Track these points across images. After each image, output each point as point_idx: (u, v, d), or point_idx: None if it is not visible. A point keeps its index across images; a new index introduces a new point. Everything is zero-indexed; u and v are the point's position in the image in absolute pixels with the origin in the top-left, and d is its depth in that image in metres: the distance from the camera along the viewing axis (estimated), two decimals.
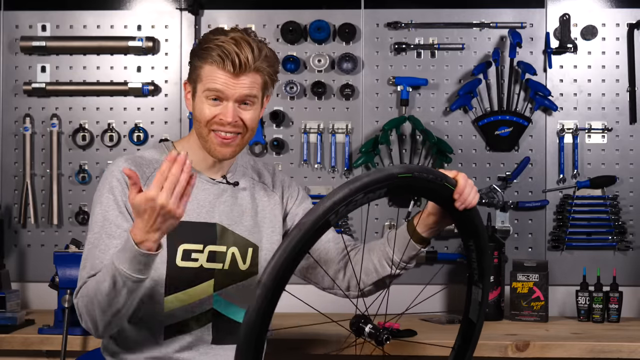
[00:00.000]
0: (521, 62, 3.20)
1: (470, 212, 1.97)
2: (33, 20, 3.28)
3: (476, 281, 2.07)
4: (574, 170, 3.22)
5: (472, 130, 3.25)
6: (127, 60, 3.28)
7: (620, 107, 3.24)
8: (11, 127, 3.28)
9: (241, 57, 2.00)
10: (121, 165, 2.07)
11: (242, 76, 2.02)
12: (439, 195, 1.92)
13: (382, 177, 1.76)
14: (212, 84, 2.02)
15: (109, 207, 2.03)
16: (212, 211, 2.11)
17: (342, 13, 3.25)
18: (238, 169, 2.20)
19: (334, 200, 1.68)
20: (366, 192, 1.73)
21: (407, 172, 1.81)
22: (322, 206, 1.68)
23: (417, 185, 1.85)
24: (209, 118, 2.04)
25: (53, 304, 2.73)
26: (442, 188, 1.90)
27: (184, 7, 3.26)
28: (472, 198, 1.94)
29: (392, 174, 1.78)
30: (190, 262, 2.07)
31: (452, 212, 1.97)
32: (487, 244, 2.05)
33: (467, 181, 1.93)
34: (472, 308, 2.09)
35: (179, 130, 3.26)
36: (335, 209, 1.68)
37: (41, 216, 3.26)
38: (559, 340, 2.62)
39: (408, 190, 1.88)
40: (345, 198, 1.69)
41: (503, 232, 3.20)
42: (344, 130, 3.24)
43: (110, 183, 2.05)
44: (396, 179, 1.78)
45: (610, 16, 3.24)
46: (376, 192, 1.76)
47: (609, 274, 3.01)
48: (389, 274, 2.12)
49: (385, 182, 1.76)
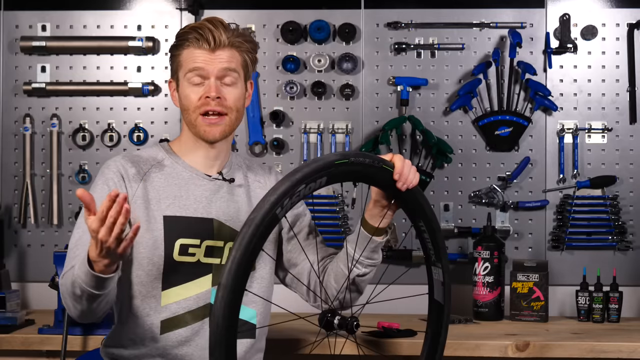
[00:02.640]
0: (521, 62, 3.20)
1: (413, 193, 2.03)
2: (33, 20, 3.28)
3: (434, 261, 2.11)
4: (574, 170, 3.22)
5: (472, 130, 3.25)
6: (127, 60, 3.28)
7: (620, 107, 3.24)
8: (11, 127, 3.28)
9: (215, 33, 2.08)
10: (118, 161, 2.12)
11: (218, 51, 2.09)
12: (379, 179, 1.98)
13: (320, 166, 1.82)
14: (191, 64, 2.09)
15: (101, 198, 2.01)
16: (209, 207, 2.13)
17: (342, 13, 3.25)
18: (233, 166, 2.22)
19: (277, 194, 1.74)
20: (307, 183, 1.79)
21: (343, 158, 1.86)
22: (267, 201, 1.73)
23: (356, 171, 1.91)
24: (195, 101, 2.09)
25: (53, 304, 2.73)
26: (380, 171, 1.96)
27: (184, 7, 3.27)
28: (413, 177, 2.00)
29: (329, 162, 1.84)
30: (188, 256, 2.08)
31: (397, 195, 2.02)
32: (437, 223, 2.10)
33: (405, 161, 1.99)
34: (437, 289, 2.12)
35: (178, 130, 3.26)
36: (279, 203, 1.74)
37: (41, 216, 3.26)
38: (559, 340, 2.62)
39: (348, 176, 1.93)
40: (288, 191, 1.75)
41: (503, 232, 3.20)
42: (344, 130, 3.24)
43: (105, 175, 2.10)
44: (333, 166, 1.84)
45: (610, 16, 3.24)
46: (317, 182, 1.81)
47: (609, 274, 3.01)
48: (358, 274, 2.15)
49: (324, 171, 1.82)
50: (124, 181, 2.09)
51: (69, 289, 1.94)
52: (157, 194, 2.10)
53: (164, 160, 2.16)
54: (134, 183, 2.10)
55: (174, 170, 2.15)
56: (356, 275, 2.15)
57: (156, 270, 2.07)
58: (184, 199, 2.11)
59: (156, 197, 2.10)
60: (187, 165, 2.16)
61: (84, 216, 1.81)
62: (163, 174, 2.13)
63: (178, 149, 2.18)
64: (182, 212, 2.10)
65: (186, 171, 2.15)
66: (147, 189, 2.10)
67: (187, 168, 2.15)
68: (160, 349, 2.08)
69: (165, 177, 2.13)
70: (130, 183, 2.09)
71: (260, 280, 2.17)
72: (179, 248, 2.08)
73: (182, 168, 2.15)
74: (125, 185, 2.08)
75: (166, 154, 2.17)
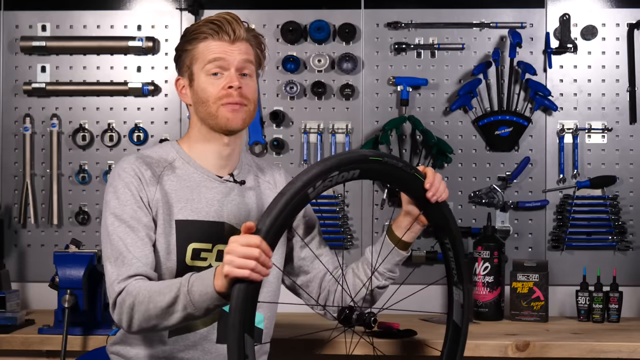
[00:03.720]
0: (521, 62, 3.20)
1: (442, 208, 2.05)
2: (33, 20, 3.28)
3: (456, 282, 2.11)
4: (574, 170, 3.22)
5: (472, 130, 3.25)
6: (127, 60, 3.28)
7: (620, 107, 3.24)
8: (11, 127, 3.28)
9: (234, 26, 2.08)
10: (133, 163, 2.08)
11: (237, 43, 2.09)
12: (409, 185, 2.01)
13: (354, 158, 1.86)
14: (211, 55, 2.07)
15: (127, 202, 2.03)
16: (220, 210, 2.11)
17: (342, 13, 3.25)
18: (244, 167, 2.20)
19: (311, 175, 1.77)
20: (341, 171, 1.82)
21: (377, 156, 1.91)
22: (301, 179, 1.76)
23: (388, 172, 1.94)
24: (215, 92, 2.06)
25: (53, 304, 2.73)
26: (412, 178, 1.99)
27: (184, 7, 3.27)
28: (443, 190, 2.03)
29: (364, 155, 1.89)
30: (200, 261, 2.07)
31: (426, 208, 2.04)
32: (462, 242, 2.12)
33: (436, 174, 2.03)
34: (456, 310, 2.12)
35: (179, 130, 3.26)
36: (312, 184, 1.77)
37: (41, 216, 3.26)
38: (559, 340, 2.62)
39: (380, 176, 1.98)
40: (323, 173, 1.78)
41: (503, 232, 3.20)
42: (344, 130, 3.24)
43: (124, 179, 2.05)
44: (367, 162, 1.88)
45: (610, 16, 3.24)
46: (350, 172, 1.85)
47: (609, 274, 3.01)
48: (378, 286, 2.17)
49: (358, 163, 1.86)
50: (142, 185, 2.05)
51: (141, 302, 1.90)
52: (170, 197, 2.07)
53: (175, 161, 2.12)
54: (151, 186, 2.06)
55: (186, 172, 2.11)
56: (376, 286, 2.16)
57: (169, 275, 2.05)
58: (195, 202, 2.08)
59: (169, 201, 2.07)
60: (198, 166, 2.13)
61: None
62: (175, 176, 2.10)
63: (188, 148, 2.15)
64: (194, 215, 2.07)
65: (197, 173, 2.12)
66: (163, 192, 2.07)
67: (198, 169, 2.12)
68: (167, 352, 2.07)
69: (177, 179, 2.10)
70: (148, 187, 2.06)
71: (269, 285, 2.16)
72: (191, 252, 2.06)
73: (193, 169, 2.12)
74: (144, 189, 2.05)
75: (177, 154, 2.14)
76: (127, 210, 2.02)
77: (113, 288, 1.97)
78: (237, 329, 1.67)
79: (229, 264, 1.72)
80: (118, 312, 1.96)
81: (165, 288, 1.88)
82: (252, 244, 1.71)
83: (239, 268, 1.70)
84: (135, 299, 1.91)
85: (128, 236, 2.00)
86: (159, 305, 1.87)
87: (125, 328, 1.96)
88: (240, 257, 1.71)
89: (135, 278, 1.97)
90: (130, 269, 1.97)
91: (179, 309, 1.86)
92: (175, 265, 2.05)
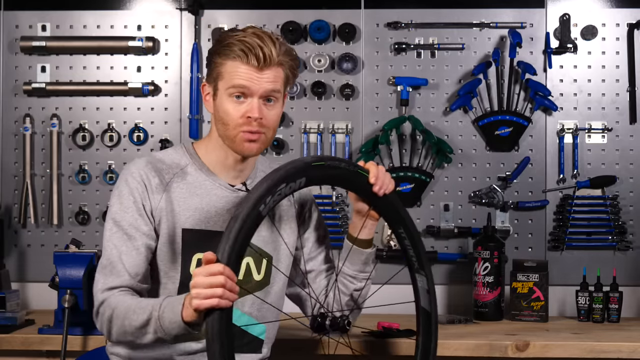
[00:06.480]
0: (521, 62, 3.20)
1: (390, 199, 2.09)
2: (33, 20, 3.28)
3: (417, 269, 2.13)
4: (574, 170, 3.22)
5: (472, 130, 3.25)
6: (127, 60, 3.28)
7: (620, 107, 3.24)
8: (11, 127, 3.28)
9: (265, 51, 1.97)
10: (142, 169, 2.06)
11: (266, 70, 1.99)
12: (356, 183, 2.05)
13: (298, 165, 1.91)
14: (236, 80, 1.99)
15: (128, 208, 2.02)
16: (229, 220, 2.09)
17: (342, 13, 3.25)
18: (258, 174, 2.16)
19: (260, 193, 1.82)
20: (287, 182, 1.87)
21: (319, 161, 1.96)
22: (251, 199, 1.81)
23: (333, 175, 1.99)
24: (236, 119, 2.00)
25: (53, 304, 2.73)
26: (356, 176, 2.03)
27: (184, 7, 3.26)
28: (389, 182, 2.06)
29: (306, 163, 1.94)
30: None
31: (375, 202, 2.08)
32: (416, 230, 2.16)
33: (379, 167, 2.06)
34: (422, 296, 2.15)
35: (179, 130, 3.26)
36: (262, 200, 1.81)
37: (41, 216, 3.26)
38: (559, 340, 2.62)
39: (326, 179, 2.02)
40: (270, 189, 1.83)
41: (503, 232, 3.19)
42: (344, 130, 3.24)
43: (130, 185, 2.04)
44: (310, 168, 1.92)
45: (610, 16, 3.24)
46: (297, 182, 1.90)
47: (609, 274, 3.01)
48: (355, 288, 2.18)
49: (302, 172, 1.90)
50: (147, 192, 2.04)
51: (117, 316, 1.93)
52: (178, 205, 2.05)
53: (187, 167, 2.10)
54: (157, 194, 2.04)
55: (197, 179, 2.09)
56: (353, 289, 2.17)
57: (172, 285, 2.05)
58: (204, 212, 2.06)
59: (177, 209, 2.05)
60: (210, 173, 2.10)
61: None
62: (185, 184, 2.07)
63: (205, 153, 2.11)
64: (202, 225, 2.05)
65: (209, 180, 2.09)
66: (169, 200, 2.05)
67: (210, 177, 2.09)
68: (167, 356, 2.07)
69: (187, 186, 2.07)
70: (153, 194, 2.04)
71: (273, 295, 2.16)
72: (195, 262, 2.05)
73: (205, 177, 2.09)
74: (148, 197, 2.03)
75: (190, 159, 2.11)
76: (127, 217, 2.02)
77: (97, 296, 2.00)
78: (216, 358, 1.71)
79: (197, 297, 1.74)
80: (99, 321, 2.00)
81: (140, 309, 1.90)
82: (215, 273, 1.72)
83: (207, 299, 1.73)
84: (113, 313, 1.94)
85: (124, 244, 2.01)
86: (133, 325, 1.91)
87: (105, 336, 2.02)
88: (206, 288, 1.72)
89: (120, 290, 1.98)
90: (116, 280, 1.99)
91: (150, 331, 1.89)
92: (180, 275, 2.05)
